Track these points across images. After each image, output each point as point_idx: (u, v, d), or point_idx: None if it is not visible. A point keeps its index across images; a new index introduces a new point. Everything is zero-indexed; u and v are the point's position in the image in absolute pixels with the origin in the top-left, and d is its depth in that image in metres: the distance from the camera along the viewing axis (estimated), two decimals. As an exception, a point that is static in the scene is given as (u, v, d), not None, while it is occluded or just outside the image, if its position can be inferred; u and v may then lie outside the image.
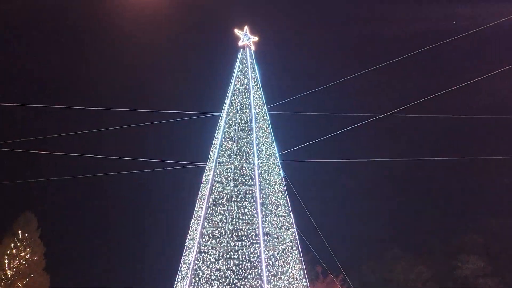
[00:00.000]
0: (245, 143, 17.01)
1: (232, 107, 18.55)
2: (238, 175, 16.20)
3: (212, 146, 17.83)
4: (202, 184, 16.24)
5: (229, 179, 16.23)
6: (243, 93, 18.68)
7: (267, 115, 19.51)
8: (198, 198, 15.95)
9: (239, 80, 19.23)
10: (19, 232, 48.49)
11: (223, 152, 17.11)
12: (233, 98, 18.77)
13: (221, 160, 16.78)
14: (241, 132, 17.63)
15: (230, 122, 18.08)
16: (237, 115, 18.16)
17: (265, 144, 18.08)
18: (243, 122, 17.86)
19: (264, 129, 18.71)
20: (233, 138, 17.54)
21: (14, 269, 47.22)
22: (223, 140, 17.50)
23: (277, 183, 17.22)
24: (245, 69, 19.44)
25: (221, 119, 18.44)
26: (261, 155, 16.97)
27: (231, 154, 16.98)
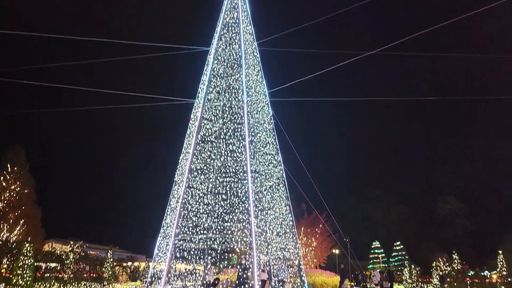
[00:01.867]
0: (234, 80, 16.72)
1: (221, 42, 17.98)
2: (227, 112, 16.11)
3: (201, 83, 17.49)
4: (190, 121, 16.15)
5: (217, 116, 16.16)
6: (233, 28, 18.01)
7: (257, 51, 19.03)
8: (186, 134, 15.94)
9: (229, 13, 18.44)
10: (8, 165, 48.71)
11: (211, 89, 16.84)
12: (222, 33, 18.13)
13: (209, 97, 16.55)
14: (230, 68, 17.27)
15: (219, 58, 17.61)
16: (226, 50, 17.66)
17: (254, 82, 17.80)
18: (232, 58, 17.43)
19: (253, 66, 18.31)
20: (222, 75, 17.21)
21: (5, 202, 48.11)
22: (212, 76, 17.15)
23: (266, 122, 17.22)
24: (235, 1, 18.57)
25: (209, 55, 17.93)
26: (250, 93, 16.77)
27: (220, 91, 16.75)
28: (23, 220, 46.93)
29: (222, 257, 15.11)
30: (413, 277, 51.10)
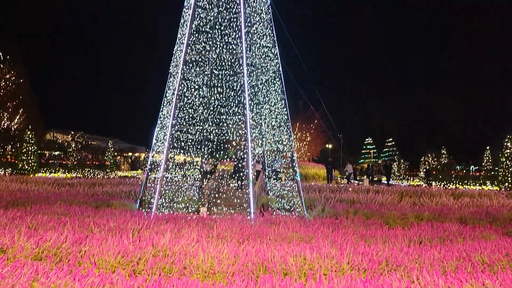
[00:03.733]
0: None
1: None
2: (223, 1, 15.23)
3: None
4: (184, 9, 15.33)
5: (212, 5, 15.31)
6: None
7: None
8: (180, 24, 15.25)
9: None
10: (-1, 54, 47.47)
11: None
12: None
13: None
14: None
15: None
16: None
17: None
18: None
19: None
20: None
21: (2, 91, 48.04)
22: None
23: (263, 11, 16.40)
24: None
25: None
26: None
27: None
28: (21, 110, 47.41)
29: (219, 148, 15.57)
30: (401, 170, 53.56)
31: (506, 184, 28.24)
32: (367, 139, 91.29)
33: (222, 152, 15.23)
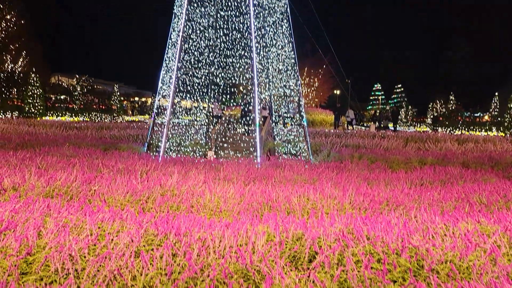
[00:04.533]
0: None
1: None
2: None
3: None
4: None
5: None
6: None
7: None
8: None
9: None
10: (-2, -7, 46.16)
11: None
12: None
13: None
14: None
15: None
16: None
17: None
18: None
19: None
20: None
21: (3, 32, 47.22)
22: None
23: None
24: None
25: None
26: None
27: None
28: (24, 52, 46.79)
29: (225, 91, 15.49)
30: (408, 117, 53.26)
31: (512, 129, 28.16)
32: (375, 85, 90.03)
33: (229, 96, 15.15)
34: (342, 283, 4.08)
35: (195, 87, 14.89)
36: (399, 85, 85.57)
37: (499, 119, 35.95)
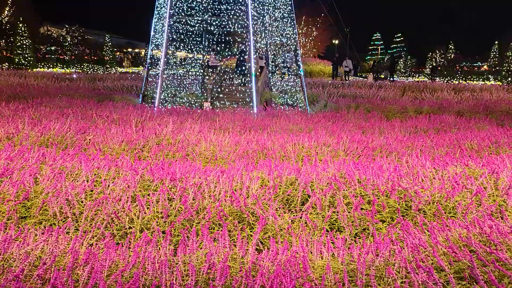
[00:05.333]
0: None
1: None
2: None
3: None
4: None
5: None
6: None
7: None
8: None
9: None
10: None
11: None
12: None
13: None
14: None
15: None
16: None
17: None
18: None
19: None
20: None
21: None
22: None
23: None
24: None
25: None
26: None
27: None
28: (11, 0, 44.96)
29: (220, 40, 15.12)
30: (407, 67, 52.61)
31: (509, 79, 27.94)
32: (375, 35, 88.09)
33: (224, 46, 14.83)
34: (333, 223, 4.23)
35: (189, 36, 14.53)
36: (399, 34, 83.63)
37: (497, 68, 35.62)
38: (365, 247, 3.23)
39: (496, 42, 39.95)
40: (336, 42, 56.88)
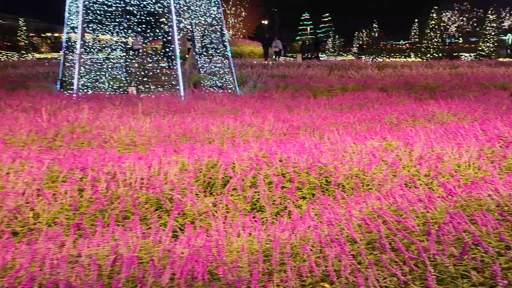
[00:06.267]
0: None
1: None
2: None
3: None
4: None
5: None
6: None
7: None
8: None
9: None
10: None
11: None
12: None
13: None
14: None
15: None
16: None
17: None
18: None
19: None
20: None
21: None
22: None
23: None
24: None
25: None
26: None
27: None
28: None
29: (142, 21, 14.37)
30: (335, 47, 54.20)
31: (428, 55, 29.80)
32: (303, 15, 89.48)
33: (145, 26, 14.11)
34: (254, 203, 4.17)
35: (107, 17, 13.66)
36: (327, 14, 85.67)
37: (417, 45, 37.81)
38: (283, 225, 3.20)
39: (416, 20, 42.28)
40: (266, 22, 57.08)
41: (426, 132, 5.91)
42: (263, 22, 57.63)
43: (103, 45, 14.92)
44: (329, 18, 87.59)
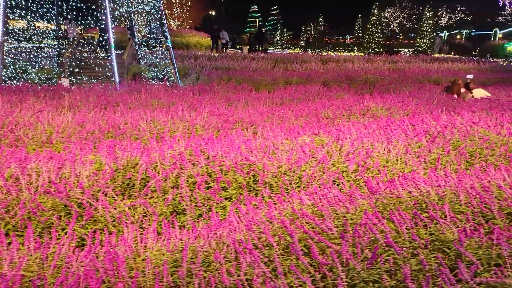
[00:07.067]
0: None
1: None
2: None
3: None
4: None
5: None
6: None
7: None
8: None
9: None
10: None
11: None
12: None
13: None
14: None
15: None
16: None
17: None
18: None
19: None
20: None
21: None
22: None
23: None
24: None
25: None
26: None
27: None
28: None
29: (74, 7, 13.48)
30: (283, 40, 54.51)
31: (370, 50, 30.67)
32: (252, 7, 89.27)
33: (77, 13, 13.25)
34: (176, 206, 3.91)
35: (35, 3, 12.66)
36: (275, 7, 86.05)
37: (360, 40, 38.82)
38: (198, 230, 2.97)
39: (360, 15, 43.36)
40: (213, 13, 56.26)
41: (359, 127, 5.90)
42: (210, 12, 56.79)
43: (32, 33, 13.88)
44: (278, 10, 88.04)
